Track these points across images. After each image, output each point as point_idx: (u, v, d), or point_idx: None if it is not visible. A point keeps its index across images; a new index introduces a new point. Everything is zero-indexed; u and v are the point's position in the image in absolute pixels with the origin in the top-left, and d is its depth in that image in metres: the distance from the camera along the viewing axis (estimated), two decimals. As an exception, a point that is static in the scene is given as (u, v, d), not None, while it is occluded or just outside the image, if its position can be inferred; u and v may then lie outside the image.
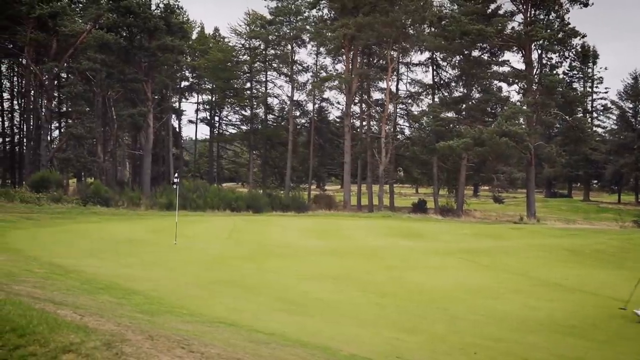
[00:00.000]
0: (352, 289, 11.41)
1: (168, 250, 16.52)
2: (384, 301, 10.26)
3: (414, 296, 10.85)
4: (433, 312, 9.54)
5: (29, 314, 4.14)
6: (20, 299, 4.94)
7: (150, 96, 45.02)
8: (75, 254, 14.34)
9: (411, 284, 12.06)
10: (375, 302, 10.21)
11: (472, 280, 13.07)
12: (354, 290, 11.23)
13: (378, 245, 19.94)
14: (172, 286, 10.40)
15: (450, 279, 13.12)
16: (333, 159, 64.45)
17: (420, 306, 10.01)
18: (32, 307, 4.54)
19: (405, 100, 53.71)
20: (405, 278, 12.78)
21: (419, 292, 11.25)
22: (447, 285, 12.18)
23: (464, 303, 10.59)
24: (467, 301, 10.77)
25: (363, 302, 10.19)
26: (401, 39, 46.59)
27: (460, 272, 14.25)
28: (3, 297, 4.62)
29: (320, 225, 27.93)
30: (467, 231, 26.27)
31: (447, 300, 10.65)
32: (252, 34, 57.90)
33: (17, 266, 10.46)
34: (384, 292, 11.07)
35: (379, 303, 10.12)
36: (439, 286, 12.01)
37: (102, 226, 23.69)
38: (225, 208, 38.33)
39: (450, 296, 11.11)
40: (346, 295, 10.69)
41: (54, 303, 6.13)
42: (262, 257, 15.74)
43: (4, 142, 58.11)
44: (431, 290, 11.58)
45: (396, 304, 10.10)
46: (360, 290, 11.23)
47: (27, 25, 40.45)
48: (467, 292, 11.64)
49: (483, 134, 35.30)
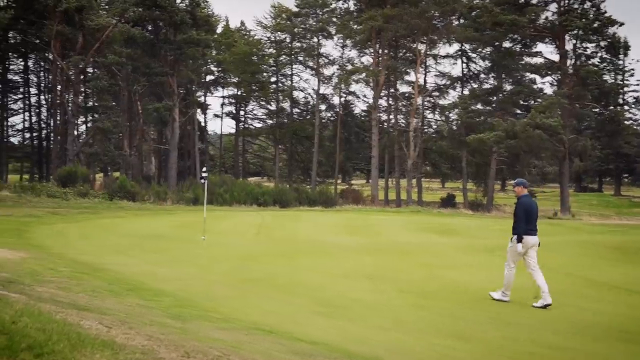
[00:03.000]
0: (390, 288, 10.79)
1: (196, 246, 16.07)
2: (426, 303, 9.63)
3: (458, 297, 10.19)
4: (482, 316, 8.88)
5: (49, 328, 3.60)
6: (40, 308, 4.42)
7: (176, 90, 44.82)
8: (102, 250, 13.93)
9: (452, 284, 11.40)
10: (416, 303, 9.58)
11: (516, 280, 12.35)
12: (392, 290, 10.61)
13: (411, 241, 19.30)
14: (202, 286, 9.89)
15: (492, 278, 12.39)
16: (358, 153, 63.84)
17: (467, 309, 9.36)
18: (53, 318, 4.00)
19: (433, 93, 52.79)
20: (445, 277, 12.12)
21: (462, 293, 10.59)
22: (491, 286, 11.48)
23: (513, 305, 9.92)
24: (513, 303, 10.10)
25: (403, 303, 9.57)
26: (430, 30, 45.71)
27: (501, 271, 13.52)
28: (21, 306, 4.09)
29: (350, 221, 27.36)
30: (501, 227, 25.43)
31: (493, 303, 9.99)
32: (278, 27, 57.42)
33: (42, 264, 10.03)
34: (424, 293, 10.43)
35: (420, 305, 9.49)
36: (482, 286, 11.33)
37: (128, 221, 23.37)
38: (252, 203, 37.97)
39: (496, 297, 10.43)
40: (385, 296, 10.09)
41: (78, 309, 5.61)
42: (293, 253, 15.20)
43: (31, 137, 58.45)
44: (475, 290, 10.91)
45: (439, 306, 9.46)
46: (399, 291, 10.61)
47: (54, 20, 40.44)
48: (513, 292, 10.93)
49: (516, 127, 34.38)
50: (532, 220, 10.01)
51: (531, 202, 10.25)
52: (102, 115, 48.37)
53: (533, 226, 10.04)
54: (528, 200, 10.21)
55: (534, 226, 10.07)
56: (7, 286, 6.81)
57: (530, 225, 9.98)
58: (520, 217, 9.97)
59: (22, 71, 57.79)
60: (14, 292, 6.29)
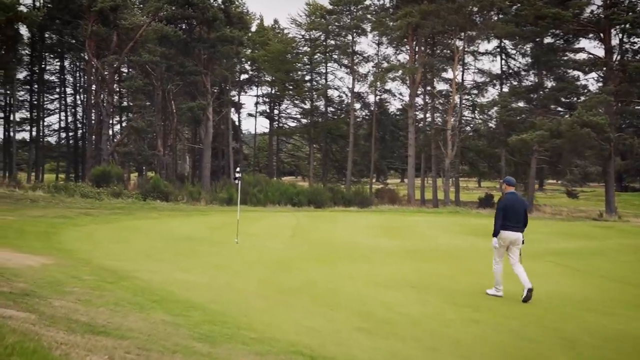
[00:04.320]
0: (439, 300, 9.89)
1: (229, 250, 15.38)
2: (481, 317, 8.70)
3: (515, 311, 9.24)
4: (545, 334, 7.93)
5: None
6: (40, 340, 3.67)
7: (210, 89, 44.43)
8: (131, 255, 13.30)
9: (506, 295, 10.43)
10: (471, 318, 8.67)
11: (572, 290, 11.37)
12: (441, 302, 9.71)
13: (454, 245, 18.32)
14: (235, 296, 9.13)
15: (547, 287, 11.42)
16: (393, 152, 62.86)
17: (527, 325, 8.41)
18: (51, 356, 3.24)
19: (471, 90, 51.49)
20: (498, 287, 11.14)
21: (520, 307, 9.64)
22: (547, 296, 10.52)
23: (575, 320, 8.93)
24: (577, 318, 9.11)
25: (456, 318, 8.66)
26: (468, 26, 44.46)
27: (555, 279, 12.53)
28: (14, 340, 3.35)
29: (387, 222, 26.46)
30: (546, 229, 24.30)
31: (554, 317, 9.01)
32: (312, 25, 56.75)
33: (65, 272, 9.39)
34: (477, 305, 9.51)
35: (475, 320, 8.57)
36: (538, 297, 10.37)
37: (160, 223, 22.82)
38: (287, 203, 37.30)
39: (556, 311, 9.45)
40: (434, 309, 9.19)
41: (93, 333, 4.88)
42: (330, 259, 14.39)
43: (67, 137, 58.83)
44: (532, 302, 9.95)
45: (496, 322, 8.53)
46: (449, 302, 9.69)
47: (89, 19, 40.36)
48: (572, 305, 9.97)
49: (561, 125, 32.95)
50: (513, 217, 10.19)
51: (515, 199, 10.38)
52: (136, 115, 48.25)
53: (514, 223, 10.21)
54: (512, 197, 10.36)
55: (516, 223, 10.23)
56: (18, 301, 6.13)
57: (511, 222, 10.18)
58: (498, 213, 10.25)
59: (58, 71, 58.20)
60: (24, 310, 5.60)
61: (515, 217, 10.19)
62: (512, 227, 10.18)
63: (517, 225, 10.20)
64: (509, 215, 10.17)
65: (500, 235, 10.20)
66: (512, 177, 10.96)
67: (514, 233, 10.19)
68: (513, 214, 10.18)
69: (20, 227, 17.00)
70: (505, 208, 10.19)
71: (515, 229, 10.19)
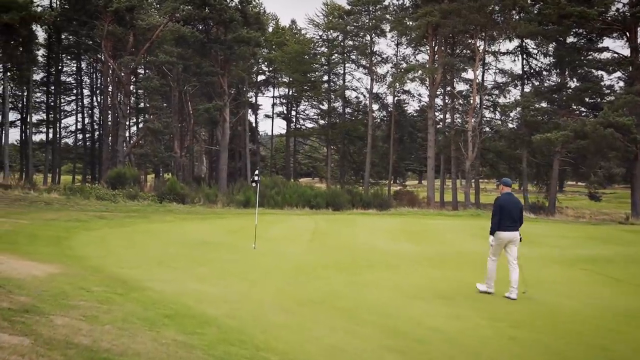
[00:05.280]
0: (472, 313, 9.19)
1: (246, 256, 14.79)
2: (520, 335, 8.00)
3: (557, 328, 8.52)
4: (593, 355, 7.22)
5: None
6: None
7: (227, 90, 44.00)
8: (144, 261, 12.74)
9: (544, 308, 9.72)
10: (509, 335, 7.97)
11: (614, 302, 10.61)
12: (474, 316, 9.01)
13: (480, 250, 17.42)
14: (252, 309, 8.50)
15: (586, 299, 10.70)
16: (411, 153, 62.15)
17: (570, 343, 7.69)
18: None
19: (492, 91, 50.60)
20: (534, 299, 10.42)
21: (560, 321, 8.90)
22: (589, 310, 9.79)
23: (622, 337, 8.20)
24: (625, 334, 8.38)
25: (492, 335, 7.97)
26: (489, 25, 43.61)
27: (594, 290, 11.77)
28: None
29: (408, 226, 25.72)
30: (574, 233, 23.42)
31: (600, 334, 8.26)
32: (330, 25, 56.21)
33: (73, 282, 8.82)
34: (515, 321, 8.80)
35: (513, 337, 7.87)
36: (578, 310, 9.65)
37: (176, 226, 22.29)
38: (304, 205, 36.67)
39: (600, 326, 8.70)
40: (467, 324, 8.51)
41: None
42: (352, 266, 13.73)
43: (84, 139, 58.78)
44: (572, 316, 9.23)
45: (535, 339, 7.83)
46: (483, 316, 8.99)
47: (105, 20, 40.06)
48: (617, 319, 9.22)
49: (586, 126, 32.00)
50: (508, 216, 10.48)
51: (510, 200, 10.67)
52: (152, 116, 47.95)
53: (510, 222, 10.50)
54: (507, 197, 10.68)
55: (512, 223, 10.51)
56: (16, 320, 5.55)
57: (507, 222, 10.48)
58: (494, 213, 10.59)
59: (75, 73, 58.11)
60: (19, 333, 5.02)
61: (511, 217, 10.48)
62: (507, 226, 10.47)
63: (512, 225, 10.50)
64: (505, 215, 10.47)
65: (497, 235, 10.54)
66: (508, 178, 11.33)
67: (510, 232, 10.50)
68: (508, 213, 10.47)
69: (32, 232, 16.53)
70: (501, 208, 10.51)
71: (511, 228, 10.49)
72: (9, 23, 27.65)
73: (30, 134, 50.09)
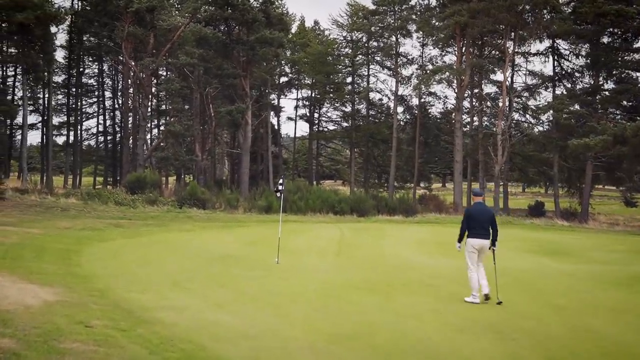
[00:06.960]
0: (533, 354, 7.78)
1: (269, 272, 13.62)
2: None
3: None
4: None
5: None
6: None
7: (249, 92, 43.00)
8: (157, 281, 11.59)
9: (616, 349, 8.32)
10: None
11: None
12: (534, 355, 7.66)
13: (521, 268, 16.11)
14: (276, 349, 7.28)
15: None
16: (436, 156, 60.68)
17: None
18: None
19: (522, 93, 48.95)
20: (599, 332, 9.03)
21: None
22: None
23: None
24: None
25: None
26: (520, 25, 42.04)
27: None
28: None
29: (439, 236, 24.36)
30: (621, 246, 21.88)
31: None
32: (354, 26, 54.94)
33: (70, 315, 7.68)
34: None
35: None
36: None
37: (195, 237, 21.22)
38: (328, 211, 35.48)
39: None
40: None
41: None
42: (385, 287, 12.44)
43: (105, 141, 58.28)
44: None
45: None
46: (547, 357, 7.63)
47: (125, 21, 39.26)
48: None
49: (627, 130, 30.37)
50: (477, 225, 10.91)
51: (480, 209, 11.21)
52: (173, 119, 47.10)
53: (479, 230, 10.92)
54: (477, 207, 11.28)
55: (481, 230, 10.93)
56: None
57: (476, 230, 10.92)
58: (462, 221, 11.14)
59: (96, 75, 57.56)
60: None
61: (480, 225, 10.91)
62: (477, 234, 10.92)
63: (482, 233, 10.93)
64: (474, 223, 10.93)
65: (468, 242, 10.98)
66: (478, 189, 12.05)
67: (480, 240, 10.92)
68: (477, 222, 10.92)
69: (41, 244, 15.51)
70: (470, 216, 11.05)
71: (480, 236, 10.92)
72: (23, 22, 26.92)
73: (51, 137, 49.49)
